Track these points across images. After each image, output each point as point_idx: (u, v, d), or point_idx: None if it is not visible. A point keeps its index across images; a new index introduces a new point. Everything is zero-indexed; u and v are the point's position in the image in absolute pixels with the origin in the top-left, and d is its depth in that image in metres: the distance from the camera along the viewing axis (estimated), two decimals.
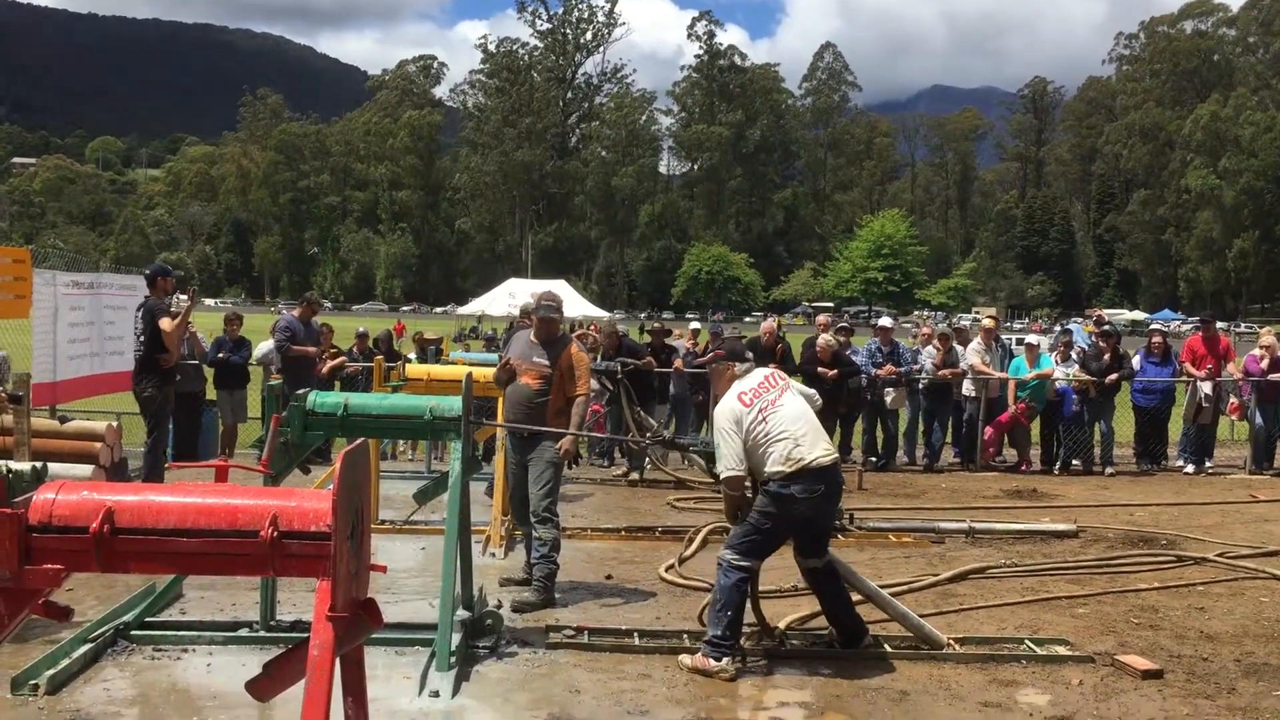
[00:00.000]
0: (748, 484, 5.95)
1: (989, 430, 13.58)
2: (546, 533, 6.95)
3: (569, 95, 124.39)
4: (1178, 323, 70.59)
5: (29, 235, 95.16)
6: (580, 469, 12.54)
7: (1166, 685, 5.59)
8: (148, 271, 10.49)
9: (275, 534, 2.73)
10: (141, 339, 9.68)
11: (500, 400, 7.54)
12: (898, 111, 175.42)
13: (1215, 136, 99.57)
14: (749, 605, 6.08)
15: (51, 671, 5.11)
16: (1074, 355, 14.00)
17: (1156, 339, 14.23)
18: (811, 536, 5.93)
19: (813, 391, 6.45)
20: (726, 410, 5.83)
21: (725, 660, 5.61)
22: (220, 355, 13.39)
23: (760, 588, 7.06)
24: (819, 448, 5.74)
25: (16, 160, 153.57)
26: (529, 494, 7.06)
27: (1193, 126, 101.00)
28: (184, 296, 10.53)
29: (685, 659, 5.72)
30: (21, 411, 7.59)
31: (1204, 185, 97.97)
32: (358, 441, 2.91)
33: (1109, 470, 13.38)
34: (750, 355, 6.32)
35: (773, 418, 5.74)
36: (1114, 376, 13.33)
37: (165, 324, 9.52)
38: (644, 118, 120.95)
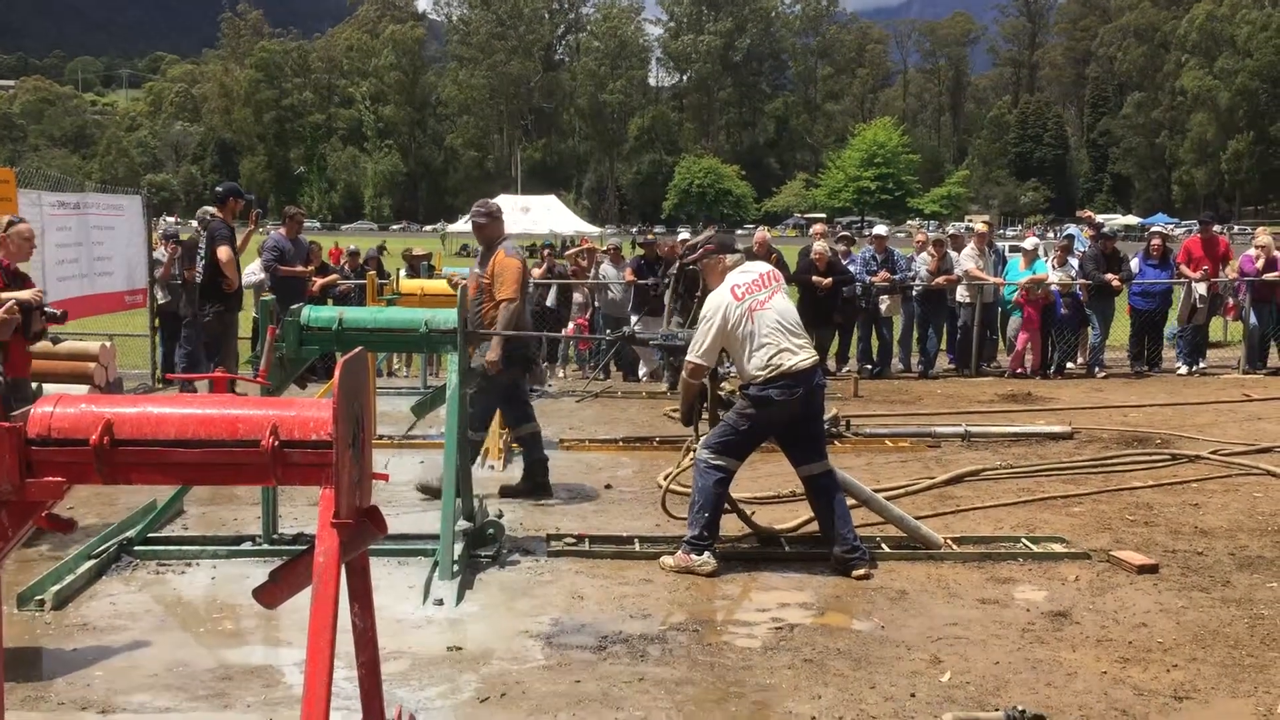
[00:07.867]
0: (705, 379, 6.03)
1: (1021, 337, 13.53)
2: (523, 430, 7.24)
3: (555, 6, 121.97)
4: (1171, 227, 70.20)
5: (11, 159, 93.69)
6: (573, 381, 12.55)
7: (1161, 579, 5.67)
8: (219, 189, 10.27)
9: (276, 443, 2.71)
10: (203, 261, 9.66)
11: None
12: (889, 17, 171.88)
13: (1210, 36, 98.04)
14: (740, 512, 6.15)
15: (57, 587, 5.15)
16: (1071, 260, 13.95)
17: (1156, 242, 14.17)
18: (796, 439, 5.90)
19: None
20: (716, 301, 5.83)
21: (706, 554, 5.72)
22: None
23: (757, 494, 7.14)
24: (800, 353, 5.73)
25: None
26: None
27: (1188, 26, 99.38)
28: (219, 221, 10.33)
29: (666, 559, 5.82)
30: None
31: (1199, 86, 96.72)
32: (356, 350, 2.88)
33: (1099, 373, 13.43)
34: (740, 247, 6.33)
35: (759, 318, 5.73)
36: (1114, 279, 13.24)
37: (222, 253, 9.43)
38: (632, 28, 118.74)
